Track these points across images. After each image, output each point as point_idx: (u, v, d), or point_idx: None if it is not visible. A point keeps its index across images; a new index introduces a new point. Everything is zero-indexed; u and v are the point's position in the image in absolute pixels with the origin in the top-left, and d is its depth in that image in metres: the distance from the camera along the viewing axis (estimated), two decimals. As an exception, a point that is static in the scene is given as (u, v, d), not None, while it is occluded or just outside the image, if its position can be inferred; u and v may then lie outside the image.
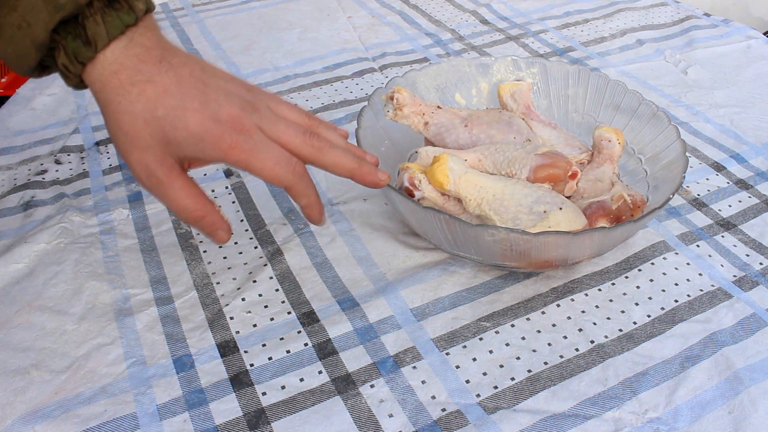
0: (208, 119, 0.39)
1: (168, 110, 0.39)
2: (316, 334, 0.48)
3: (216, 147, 0.40)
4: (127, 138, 0.40)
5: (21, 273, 0.52)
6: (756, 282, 0.52)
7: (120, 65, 0.39)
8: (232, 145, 0.40)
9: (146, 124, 0.39)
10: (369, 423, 0.42)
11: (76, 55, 0.38)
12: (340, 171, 0.44)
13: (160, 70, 0.39)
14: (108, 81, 0.39)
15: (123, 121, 0.39)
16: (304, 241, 0.55)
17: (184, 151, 0.40)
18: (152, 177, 0.40)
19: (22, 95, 0.77)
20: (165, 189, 0.41)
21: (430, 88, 0.63)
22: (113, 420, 0.42)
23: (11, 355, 0.46)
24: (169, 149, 0.40)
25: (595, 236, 0.45)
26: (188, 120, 0.39)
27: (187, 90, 0.40)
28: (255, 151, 0.40)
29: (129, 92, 0.39)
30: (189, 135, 0.39)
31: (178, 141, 0.39)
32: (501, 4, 0.97)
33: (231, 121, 0.40)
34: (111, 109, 0.40)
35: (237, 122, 0.40)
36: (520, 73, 0.64)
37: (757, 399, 0.43)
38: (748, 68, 0.81)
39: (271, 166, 0.41)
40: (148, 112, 0.39)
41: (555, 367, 0.46)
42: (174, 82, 0.39)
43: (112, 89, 0.39)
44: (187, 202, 0.41)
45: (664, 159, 0.54)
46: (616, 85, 0.60)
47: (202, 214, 0.42)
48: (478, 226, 0.45)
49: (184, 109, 0.39)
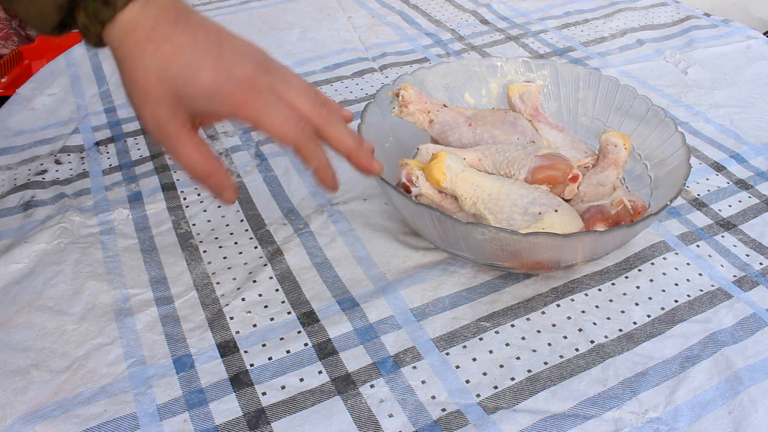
0: (221, 76, 0.40)
1: (182, 67, 0.40)
2: (316, 334, 0.48)
3: (227, 102, 0.41)
4: (141, 93, 0.41)
5: (21, 273, 0.52)
6: (756, 282, 0.52)
7: (137, 24, 0.40)
8: (243, 100, 0.41)
9: (160, 80, 0.40)
10: (369, 423, 0.42)
11: (96, 15, 0.39)
12: (341, 147, 0.44)
13: (176, 29, 0.40)
14: (125, 38, 0.40)
15: (138, 77, 0.40)
16: (304, 241, 0.55)
17: (195, 106, 0.41)
18: (163, 131, 0.41)
19: (22, 95, 0.77)
20: (175, 143, 0.41)
21: (439, 87, 0.63)
22: (113, 420, 0.42)
23: (11, 355, 0.46)
24: (181, 104, 0.41)
25: (586, 239, 0.45)
26: (201, 76, 0.40)
27: (202, 48, 0.40)
28: (266, 108, 0.41)
29: (145, 49, 0.40)
30: (201, 90, 0.40)
31: (191, 96, 0.40)
32: (501, 4, 0.97)
33: (244, 79, 0.41)
34: (127, 65, 0.41)
35: (250, 80, 0.41)
36: (531, 75, 0.64)
37: (757, 399, 0.43)
38: (748, 68, 0.81)
39: (280, 123, 0.41)
40: (163, 68, 0.40)
41: (555, 367, 0.46)
42: (189, 40, 0.40)
43: (129, 46, 0.40)
44: (196, 158, 0.42)
45: (668, 165, 0.54)
46: (625, 90, 0.60)
47: (210, 171, 0.42)
48: (468, 224, 0.45)
49: (198, 66, 0.40)
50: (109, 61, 0.83)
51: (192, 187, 0.61)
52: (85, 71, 0.81)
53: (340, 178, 0.62)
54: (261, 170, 0.64)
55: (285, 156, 0.65)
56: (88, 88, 0.78)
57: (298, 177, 0.63)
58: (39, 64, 1.25)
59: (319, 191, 0.61)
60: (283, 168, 0.64)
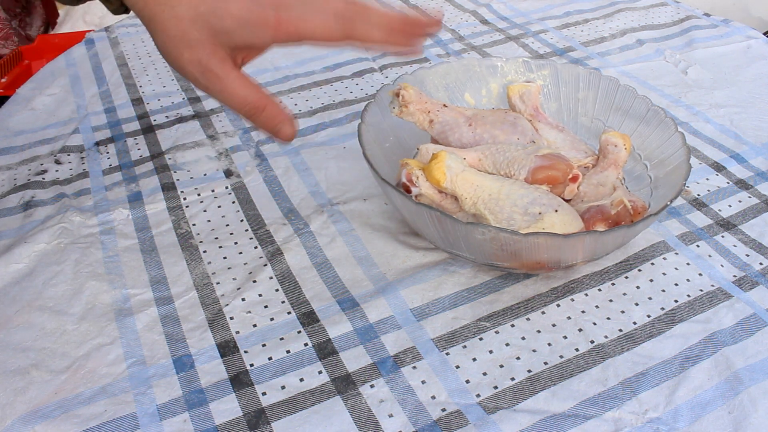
0: (250, 2, 0.40)
1: (209, 4, 0.40)
2: (316, 334, 0.48)
3: (263, 26, 0.40)
4: (176, 41, 0.40)
5: (21, 273, 0.52)
6: (756, 282, 0.52)
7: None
8: (278, 19, 0.40)
9: (192, 22, 0.40)
10: (369, 423, 0.42)
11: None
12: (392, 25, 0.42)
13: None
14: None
15: (170, 27, 0.40)
16: (304, 241, 0.55)
17: (234, 39, 0.41)
18: (207, 71, 0.41)
19: (22, 95, 0.77)
20: (222, 82, 0.41)
21: (439, 87, 0.63)
22: (113, 420, 0.42)
23: (11, 355, 0.46)
24: (219, 41, 0.40)
25: (586, 239, 0.45)
26: (231, 7, 0.40)
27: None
28: (301, 17, 0.40)
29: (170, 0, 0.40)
30: (235, 21, 0.40)
31: (227, 30, 0.40)
32: (501, 4, 0.97)
33: (271, 0, 0.40)
34: (156, 21, 0.41)
35: (276, 0, 0.40)
36: (531, 75, 0.64)
37: (757, 399, 0.43)
38: (748, 68, 0.81)
39: (321, 23, 0.41)
40: (192, 10, 0.40)
41: (555, 367, 0.46)
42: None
43: (154, 3, 0.40)
44: (246, 92, 0.41)
45: (668, 165, 0.54)
46: (625, 90, 0.60)
47: (263, 103, 0.42)
48: (468, 224, 0.45)
49: (226, 0, 0.40)
50: (110, 61, 0.83)
51: (192, 187, 0.61)
52: (85, 71, 0.81)
53: (342, 179, 0.62)
54: (261, 170, 0.64)
55: (285, 156, 0.65)
56: (88, 88, 0.78)
57: (298, 177, 0.63)
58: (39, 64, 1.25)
59: (319, 191, 0.61)
60: (283, 168, 0.64)
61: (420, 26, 0.43)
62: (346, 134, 0.69)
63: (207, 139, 0.68)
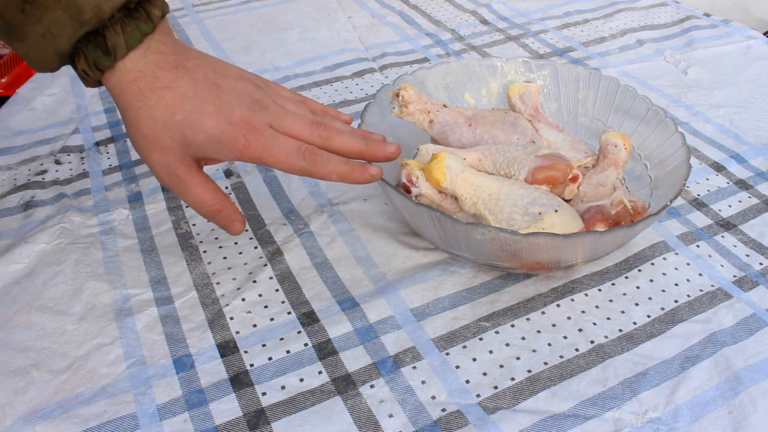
0: (223, 122, 0.42)
1: (186, 114, 0.42)
2: (316, 334, 0.48)
3: (232, 147, 0.43)
4: (148, 141, 0.42)
5: (21, 273, 0.52)
6: (756, 282, 0.52)
7: (138, 73, 0.41)
8: (246, 145, 0.42)
9: (166, 128, 0.42)
10: (369, 423, 0.42)
11: (96, 64, 0.41)
12: (351, 153, 0.46)
13: (176, 76, 0.42)
14: (127, 88, 0.42)
15: (143, 125, 0.42)
16: (304, 241, 0.55)
17: (203, 152, 0.43)
18: (173, 176, 0.43)
19: (22, 95, 0.77)
20: (185, 186, 0.44)
21: (439, 87, 0.63)
22: (113, 420, 0.42)
23: (11, 355, 0.46)
24: (188, 150, 0.43)
25: (586, 240, 0.45)
26: (205, 124, 0.42)
27: (202, 94, 0.42)
28: (267, 147, 0.43)
29: (149, 98, 0.41)
30: (207, 138, 0.42)
31: (197, 143, 0.42)
32: (501, 4, 0.97)
33: (243, 123, 0.43)
34: (131, 114, 0.42)
35: (248, 123, 0.43)
36: (531, 75, 0.64)
37: (757, 399, 0.43)
38: (748, 68, 0.81)
39: (284, 159, 0.43)
40: (168, 116, 0.41)
41: (555, 367, 0.46)
42: (190, 86, 0.42)
43: (131, 96, 0.42)
44: (206, 197, 0.44)
45: (668, 165, 0.54)
46: (626, 90, 0.60)
47: (219, 207, 0.45)
48: (468, 224, 0.45)
49: (201, 114, 0.42)
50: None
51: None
52: (85, 71, 0.81)
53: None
54: (261, 170, 0.64)
55: (285, 156, 0.65)
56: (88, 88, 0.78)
57: (298, 177, 0.63)
58: (39, 64, 1.25)
59: (319, 191, 0.61)
60: (283, 168, 0.64)
61: (377, 153, 0.46)
62: (346, 134, 0.68)
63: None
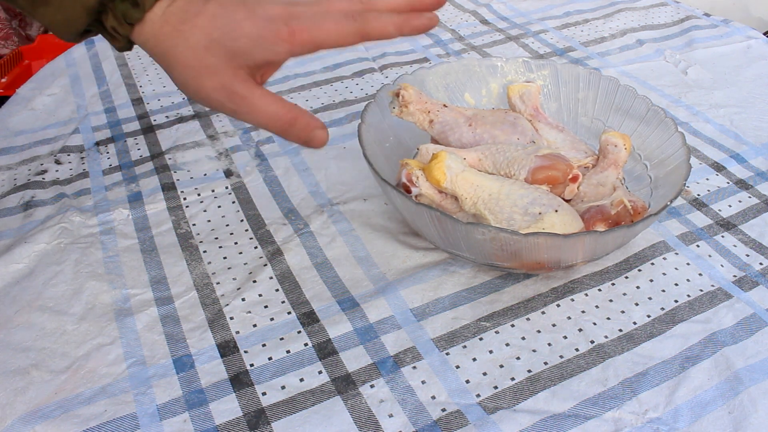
0: (260, 20, 0.40)
1: (222, 29, 0.40)
2: (316, 334, 0.48)
3: (278, 39, 0.41)
4: (195, 71, 0.40)
5: (21, 273, 0.52)
6: (756, 282, 0.52)
7: (169, 15, 0.40)
8: (291, 31, 0.41)
9: (208, 50, 0.40)
10: (369, 423, 0.42)
11: (125, 17, 0.40)
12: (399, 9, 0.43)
13: (203, 3, 0.41)
14: (160, 32, 0.40)
15: (186, 58, 0.40)
16: (304, 241, 0.55)
17: (251, 58, 0.41)
18: (234, 95, 0.41)
19: (22, 95, 0.77)
20: (250, 101, 0.41)
21: (439, 87, 0.63)
22: (113, 420, 0.42)
23: (11, 355, 0.46)
24: (238, 62, 0.41)
25: (586, 239, 0.45)
26: (244, 28, 0.40)
27: (231, 7, 0.41)
28: (314, 24, 0.41)
29: (182, 31, 0.40)
30: (249, 40, 0.40)
31: (243, 50, 0.40)
32: (501, 4, 0.97)
33: (281, 15, 0.41)
34: (171, 55, 0.41)
35: (286, 13, 0.41)
36: (531, 75, 0.64)
37: (757, 399, 0.43)
38: (748, 68, 0.81)
39: (335, 28, 0.41)
40: (206, 37, 0.40)
41: (555, 367, 0.46)
42: (218, 7, 0.41)
43: (165, 37, 0.40)
44: (275, 108, 0.41)
45: (668, 165, 0.54)
46: (625, 90, 0.60)
47: (294, 115, 0.42)
48: (468, 224, 0.45)
49: (236, 21, 0.40)
50: (110, 61, 0.83)
51: (192, 187, 0.61)
52: (85, 71, 0.81)
53: (342, 179, 0.62)
54: (261, 170, 0.64)
55: (285, 156, 0.65)
56: (88, 88, 0.78)
57: (298, 177, 0.63)
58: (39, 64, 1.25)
59: (319, 191, 0.61)
60: (283, 168, 0.64)
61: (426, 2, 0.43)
62: (346, 134, 0.69)
63: (207, 139, 0.68)
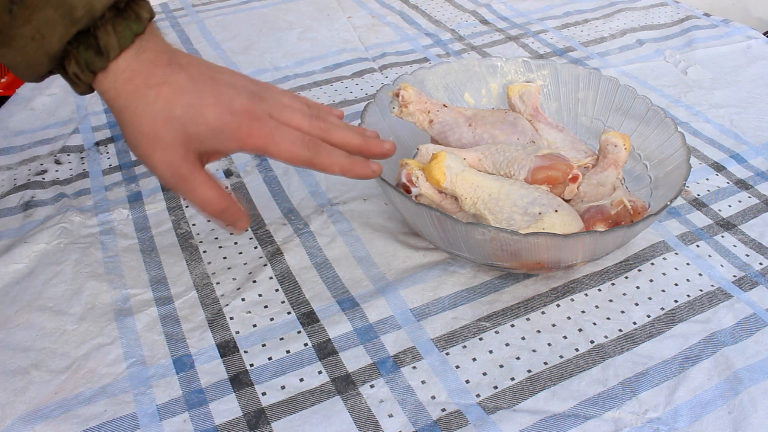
0: (225, 112, 0.41)
1: (186, 108, 0.40)
2: (316, 334, 0.48)
3: (235, 137, 0.41)
4: (148, 140, 0.41)
5: (21, 273, 0.52)
6: (756, 282, 0.52)
7: (133, 71, 0.40)
8: (249, 133, 0.41)
9: (166, 123, 0.40)
10: (369, 423, 0.42)
11: (88, 65, 0.39)
12: (349, 147, 0.45)
13: (172, 72, 0.41)
14: (123, 87, 0.40)
15: (143, 124, 0.40)
16: (303, 241, 0.55)
17: (205, 145, 0.42)
18: (177, 174, 0.41)
19: (22, 95, 0.77)
20: (190, 184, 0.42)
21: (439, 87, 0.63)
22: (113, 420, 0.42)
23: (11, 355, 0.46)
24: (191, 145, 0.41)
25: (586, 240, 0.45)
26: (206, 115, 0.40)
27: (201, 87, 0.41)
28: (270, 135, 0.42)
29: (146, 95, 0.40)
30: (209, 129, 0.41)
31: (200, 136, 0.41)
32: (501, 4, 0.97)
33: (245, 112, 0.41)
34: (129, 114, 0.41)
35: (250, 112, 0.42)
36: (531, 75, 0.64)
37: (757, 399, 0.43)
38: (748, 68, 0.81)
39: (287, 148, 0.42)
40: (168, 111, 0.40)
41: (555, 367, 0.46)
42: (187, 80, 0.41)
43: (128, 95, 0.40)
44: (211, 195, 0.42)
45: (668, 165, 0.54)
46: (625, 90, 0.60)
47: (225, 205, 0.43)
48: (468, 224, 0.45)
49: (201, 105, 0.40)
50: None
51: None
52: (85, 71, 0.81)
53: (342, 179, 0.62)
54: (261, 170, 0.64)
55: (285, 156, 0.65)
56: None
57: (298, 177, 0.63)
58: (39, 64, 1.25)
59: (318, 191, 0.61)
60: (283, 168, 0.64)
61: (375, 149, 0.46)
62: (346, 134, 0.68)
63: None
